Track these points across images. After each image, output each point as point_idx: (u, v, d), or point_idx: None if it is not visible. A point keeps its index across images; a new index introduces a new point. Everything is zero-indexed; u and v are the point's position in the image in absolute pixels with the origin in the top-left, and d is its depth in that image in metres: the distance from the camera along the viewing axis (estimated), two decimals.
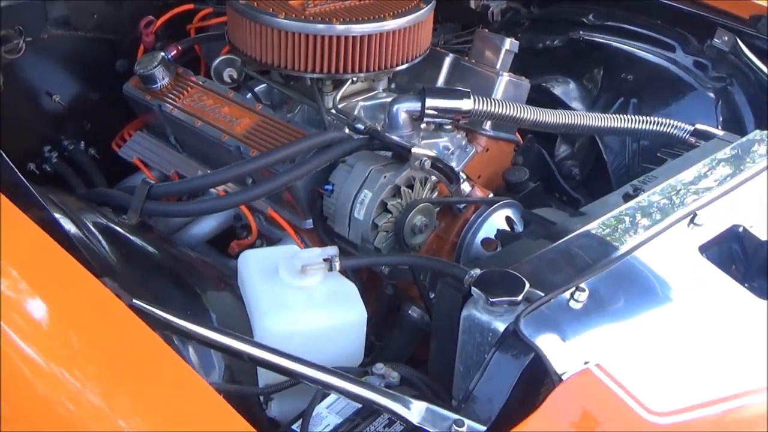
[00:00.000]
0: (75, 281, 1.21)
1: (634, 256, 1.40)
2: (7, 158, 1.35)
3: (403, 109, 1.81)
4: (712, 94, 2.30)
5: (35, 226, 1.26)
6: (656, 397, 1.16)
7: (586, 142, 2.27)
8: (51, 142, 2.03)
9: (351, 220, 1.65)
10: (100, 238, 1.42)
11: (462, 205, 1.72)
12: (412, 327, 1.72)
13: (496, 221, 1.71)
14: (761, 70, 2.25)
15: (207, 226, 1.81)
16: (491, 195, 1.84)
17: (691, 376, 1.24)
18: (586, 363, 1.16)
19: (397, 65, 1.94)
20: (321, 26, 1.86)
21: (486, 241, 1.70)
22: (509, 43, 2.08)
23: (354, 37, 1.86)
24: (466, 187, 1.77)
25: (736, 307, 1.38)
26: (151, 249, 1.57)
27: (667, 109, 2.30)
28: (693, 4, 2.45)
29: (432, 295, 1.61)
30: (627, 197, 1.59)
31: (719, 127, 2.10)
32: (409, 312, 1.74)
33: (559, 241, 1.43)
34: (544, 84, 2.37)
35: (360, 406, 1.18)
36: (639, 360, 1.21)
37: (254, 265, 1.38)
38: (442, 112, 1.85)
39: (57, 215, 1.34)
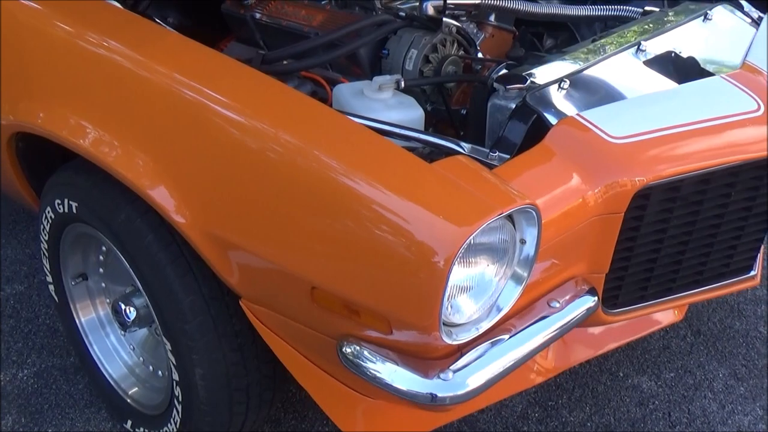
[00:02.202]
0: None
1: (599, 67, 1.95)
2: None
3: (431, 4, 2.17)
4: None
5: None
6: (616, 129, 1.74)
7: (566, 37, 2.61)
8: None
9: (403, 72, 2.08)
10: None
11: (479, 66, 2.17)
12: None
13: None
14: None
15: None
16: None
17: (639, 122, 1.80)
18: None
19: None
20: None
21: None
22: None
23: None
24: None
25: (668, 87, 1.95)
26: None
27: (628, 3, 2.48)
28: None
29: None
30: (593, 41, 2.10)
31: None
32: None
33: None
34: None
35: None
36: (604, 114, 1.79)
37: (345, 90, 1.91)
38: (459, 6, 2.21)
39: None
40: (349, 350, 1.57)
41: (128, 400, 2.22)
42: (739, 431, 2.30)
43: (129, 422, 2.19)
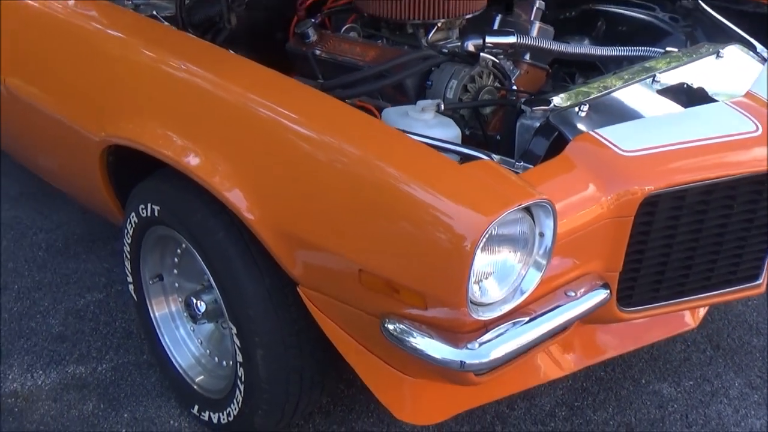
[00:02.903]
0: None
1: (616, 93, 2.13)
2: None
3: (472, 43, 2.38)
4: (683, 36, 2.75)
5: None
6: (627, 144, 1.89)
7: (595, 75, 2.62)
8: None
9: (444, 99, 2.21)
10: None
11: (513, 97, 2.28)
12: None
13: None
14: (715, 18, 2.67)
15: None
16: None
17: (647, 138, 1.93)
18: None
19: (465, 14, 2.48)
20: None
21: None
22: (538, 3, 2.64)
23: None
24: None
25: (677, 111, 2.09)
26: None
27: (652, 47, 2.61)
28: None
29: None
30: (614, 74, 2.25)
31: None
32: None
33: None
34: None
35: None
36: (617, 131, 1.94)
37: (392, 113, 2.07)
38: (496, 45, 2.38)
39: None
40: (391, 326, 1.72)
41: (195, 387, 2.34)
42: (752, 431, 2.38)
43: (195, 407, 2.31)
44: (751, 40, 2.53)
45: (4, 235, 3.28)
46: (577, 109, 2.04)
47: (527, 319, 1.78)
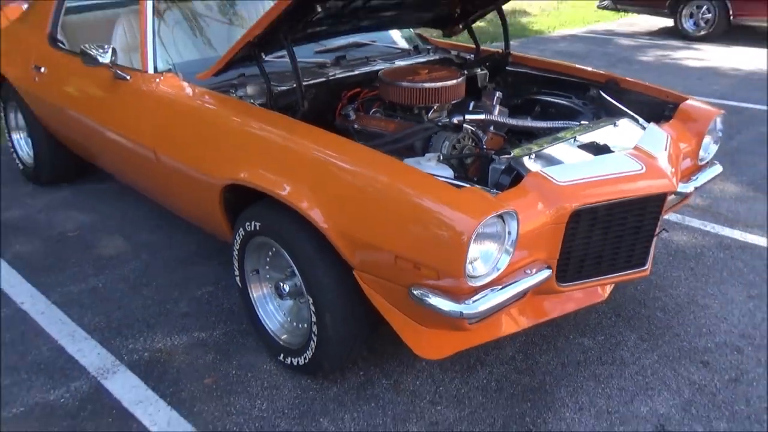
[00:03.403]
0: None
1: (551, 148, 2.22)
2: None
3: (456, 118, 2.45)
4: (591, 114, 2.80)
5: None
6: (560, 177, 2.02)
7: (535, 139, 2.68)
8: None
9: (441, 154, 2.31)
10: None
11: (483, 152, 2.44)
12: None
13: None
14: (612, 102, 2.74)
15: None
16: None
17: (573, 174, 2.05)
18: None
19: (451, 101, 2.60)
20: (431, 85, 2.50)
21: None
22: (497, 93, 2.76)
23: (439, 88, 2.51)
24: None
25: (590, 158, 2.19)
26: None
27: (571, 121, 2.66)
28: (581, 73, 2.99)
29: None
30: (553, 138, 2.33)
31: None
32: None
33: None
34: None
35: None
36: (554, 170, 2.05)
37: (411, 161, 2.18)
38: (472, 120, 2.49)
39: None
40: (416, 292, 1.85)
41: (280, 342, 2.40)
42: (643, 366, 2.43)
43: (281, 355, 2.37)
44: (634, 115, 2.64)
45: (144, 252, 3.34)
46: (527, 157, 2.17)
47: (501, 287, 1.90)
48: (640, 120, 2.59)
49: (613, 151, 2.25)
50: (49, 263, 3.26)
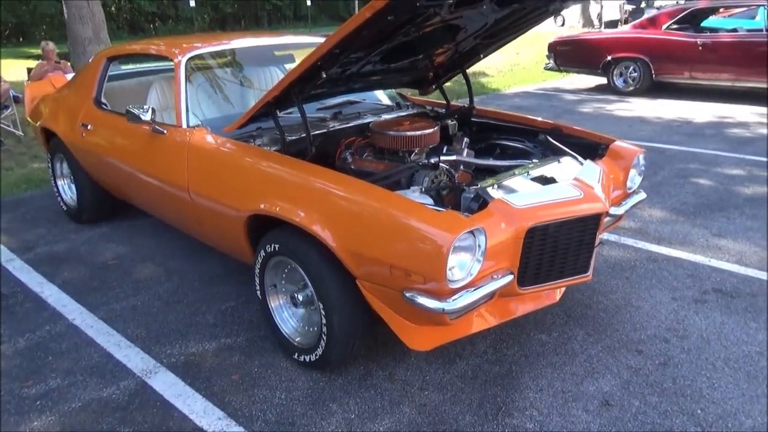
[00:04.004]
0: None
1: (510, 180, 2.35)
2: None
3: (433, 159, 2.60)
4: (541, 154, 2.88)
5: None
6: (518, 203, 2.15)
7: (496, 175, 2.79)
8: None
9: (423, 189, 2.45)
10: None
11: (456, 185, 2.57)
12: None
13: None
14: (557, 145, 2.79)
15: None
16: None
17: (528, 200, 2.18)
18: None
19: (430, 145, 2.70)
20: (412, 133, 2.60)
21: None
22: (465, 139, 2.88)
23: (419, 135, 2.65)
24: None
25: (540, 188, 2.32)
26: None
27: (525, 160, 2.75)
28: (532, 122, 3.05)
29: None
30: (511, 173, 2.47)
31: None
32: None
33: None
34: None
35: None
36: (513, 197, 2.19)
37: (399, 193, 2.32)
38: (445, 161, 2.62)
39: None
40: (408, 294, 1.97)
41: (294, 343, 2.46)
42: (590, 355, 2.51)
43: (296, 354, 2.44)
44: (574, 154, 2.76)
45: (175, 275, 3.41)
46: (491, 187, 2.33)
47: (474, 288, 2.03)
48: (579, 158, 2.73)
49: (558, 182, 2.39)
50: (94, 286, 3.34)
